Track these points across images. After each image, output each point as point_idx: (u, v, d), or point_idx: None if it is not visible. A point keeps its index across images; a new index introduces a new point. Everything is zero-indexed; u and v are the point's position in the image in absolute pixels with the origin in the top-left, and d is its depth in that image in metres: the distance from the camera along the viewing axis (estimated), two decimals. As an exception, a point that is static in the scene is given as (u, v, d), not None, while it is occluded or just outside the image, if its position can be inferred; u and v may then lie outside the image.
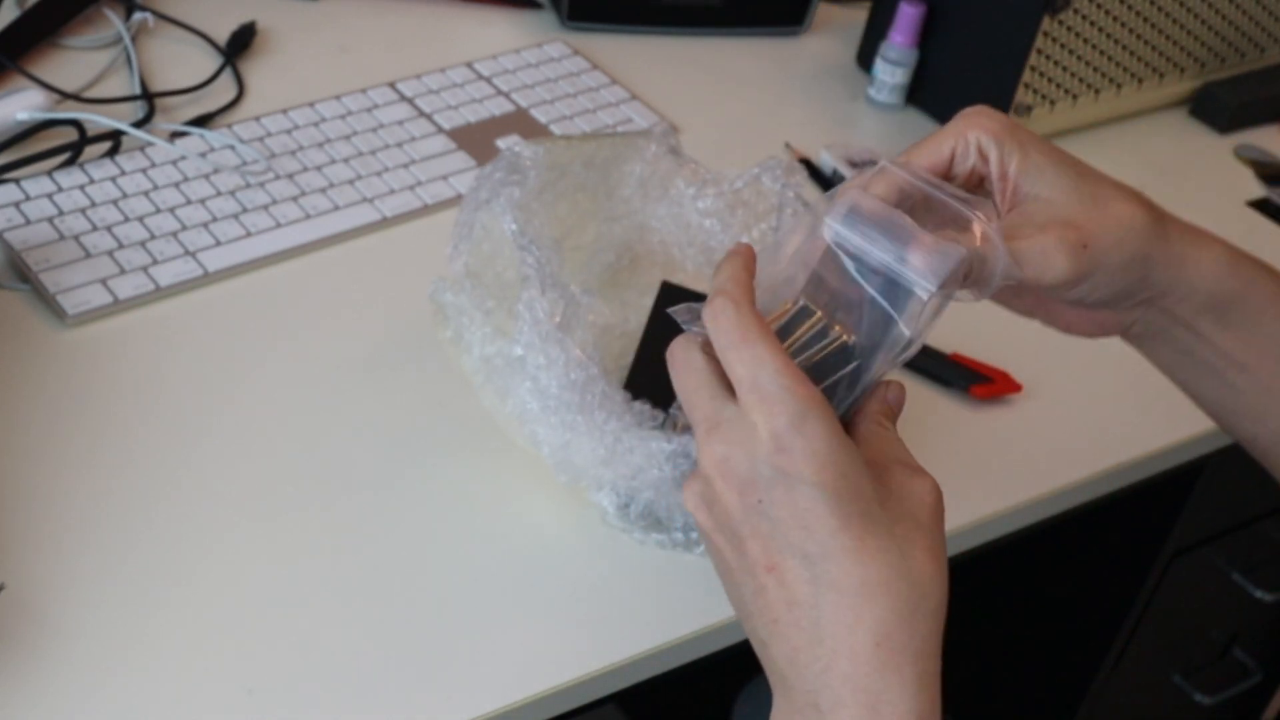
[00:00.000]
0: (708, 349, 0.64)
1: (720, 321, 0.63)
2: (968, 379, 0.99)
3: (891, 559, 0.60)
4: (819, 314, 0.65)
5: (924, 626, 0.60)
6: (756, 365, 0.61)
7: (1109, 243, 0.69)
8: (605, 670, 0.80)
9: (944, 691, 0.61)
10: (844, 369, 0.65)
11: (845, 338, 0.65)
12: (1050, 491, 0.95)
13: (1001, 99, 1.20)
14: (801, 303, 0.66)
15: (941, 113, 1.25)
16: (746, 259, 0.65)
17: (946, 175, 0.70)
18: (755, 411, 0.61)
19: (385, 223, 1.05)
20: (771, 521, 0.61)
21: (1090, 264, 0.68)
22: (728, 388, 0.63)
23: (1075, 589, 1.27)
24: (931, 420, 0.98)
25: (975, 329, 1.04)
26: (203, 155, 1.06)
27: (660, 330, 0.90)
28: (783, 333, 0.65)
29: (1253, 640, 1.40)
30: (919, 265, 0.63)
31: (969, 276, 0.65)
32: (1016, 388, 1.00)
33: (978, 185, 0.70)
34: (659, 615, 0.82)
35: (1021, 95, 1.20)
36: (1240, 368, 0.74)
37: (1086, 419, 1.01)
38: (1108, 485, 0.99)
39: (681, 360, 0.65)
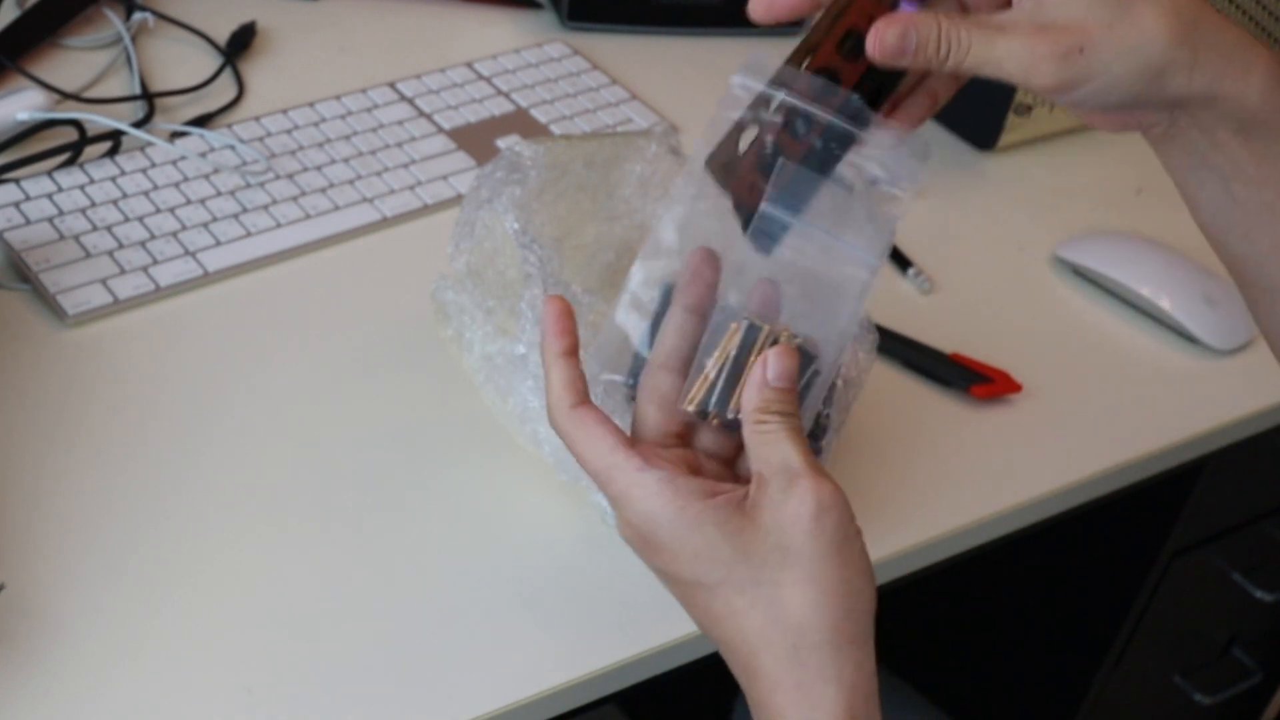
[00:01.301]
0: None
1: (560, 432, 0.66)
2: (968, 379, 0.99)
3: (760, 610, 0.62)
4: (767, 328, 0.66)
5: (813, 659, 0.62)
6: (598, 478, 0.65)
7: (1113, 53, 0.63)
8: (605, 670, 0.80)
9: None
10: (805, 373, 0.66)
11: (798, 341, 0.66)
12: (1050, 491, 0.95)
13: (1001, 99, 1.20)
14: (747, 322, 0.66)
15: (940, 112, 1.25)
16: (567, 350, 0.67)
17: None
18: (617, 512, 0.65)
19: (385, 223, 1.05)
20: (673, 592, 0.66)
21: (1082, 72, 0.63)
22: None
23: (1075, 589, 1.27)
24: (931, 420, 0.98)
25: (975, 329, 1.04)
26: (203, 155, 1.06)
27: (660, 331, 0.90)
28: (735, 361, 0.66)
29: (1253, 640, 1.40)
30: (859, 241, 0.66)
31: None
32: (1016, 388, 1.00)
33: None
34: (659, 615, 0.82)
35: (1021, 95, 1.20)
36: (1246, 180, 0.68)
37: (1086, 419, 1.01)
38: (1108, 485, 0.99)
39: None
